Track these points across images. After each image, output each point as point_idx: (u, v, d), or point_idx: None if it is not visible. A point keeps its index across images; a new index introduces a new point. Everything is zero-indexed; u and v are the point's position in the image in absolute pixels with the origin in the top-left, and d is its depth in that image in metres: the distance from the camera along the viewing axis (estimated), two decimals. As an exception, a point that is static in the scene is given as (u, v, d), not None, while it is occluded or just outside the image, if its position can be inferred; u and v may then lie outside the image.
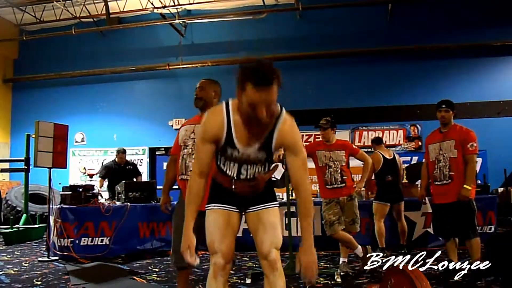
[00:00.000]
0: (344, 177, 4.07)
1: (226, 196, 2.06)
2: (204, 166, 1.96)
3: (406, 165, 7.79)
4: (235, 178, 2.02)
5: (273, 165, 2.12)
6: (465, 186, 3.60)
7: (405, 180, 5.81)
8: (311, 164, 4.33)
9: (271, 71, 1.74)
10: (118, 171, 6.48)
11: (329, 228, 4.05)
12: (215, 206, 2.04)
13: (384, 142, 5.82)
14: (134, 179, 6.45)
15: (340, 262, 4.14)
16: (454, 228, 3.70)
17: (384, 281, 2.16)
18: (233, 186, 2.03)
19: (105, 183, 6.75)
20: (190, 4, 9.32)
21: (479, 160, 7.64)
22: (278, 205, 2.13)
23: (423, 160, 4.18)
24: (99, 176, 6.73)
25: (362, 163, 4.27)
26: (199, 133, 1.99)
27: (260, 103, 1.75)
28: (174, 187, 3.12)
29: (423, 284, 1.89)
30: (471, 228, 3.64)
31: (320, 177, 4.17)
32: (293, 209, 4.49)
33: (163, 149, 9.72)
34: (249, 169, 2.01)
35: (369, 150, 8.53)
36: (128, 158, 7.04)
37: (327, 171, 4.09)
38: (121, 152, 6.63)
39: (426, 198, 4.29)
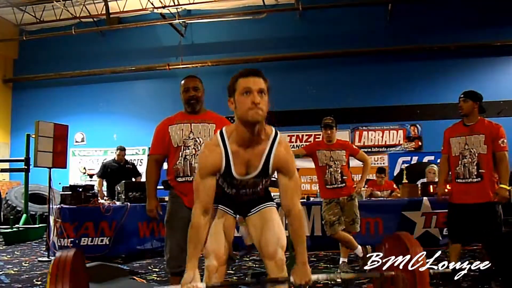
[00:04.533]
0: (344, 177, 4.07)
1: (224, 198, 2.07)
2: (207, 203, 1.91)
3: (406, 165, 7.82)
4: (235, 195, 2.05)
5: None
6: (502, 185, 3.25)
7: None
8: (311, 164, 4.36)
9: (256, 69, 1.84)
10: (117, 170, 6.43)
11: (329, 228, 4.06)
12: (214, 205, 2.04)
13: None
14: (133, 179, 6.43)
15: (340, 262, 4.14)
16: (477, 233, 3.36)
17: (380, 246, 2.19)
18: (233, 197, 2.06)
19: (104, 183, 6.67)
20: (190, 4, 9.31)
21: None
22: (276, 205, 2.13)
23: (443, 154, 3.65)
24: (98, 176, 6.67)
25: (362, 163, 4.27)
26: (198, 168, 1.95)
27: (252, 88, 1.77)
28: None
29: (416, 250, 1.89)
30: (498, 234, 3.31)
31: (320, 177, 4.17)
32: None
33: (163, 149, 9.68)
34: (247, 191, 2.03)
35: (369, 150, 8.64)
36: (128, 158, 7.02)
37: (327, 171, 4.09)
38: (121, 150, 6.58)
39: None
